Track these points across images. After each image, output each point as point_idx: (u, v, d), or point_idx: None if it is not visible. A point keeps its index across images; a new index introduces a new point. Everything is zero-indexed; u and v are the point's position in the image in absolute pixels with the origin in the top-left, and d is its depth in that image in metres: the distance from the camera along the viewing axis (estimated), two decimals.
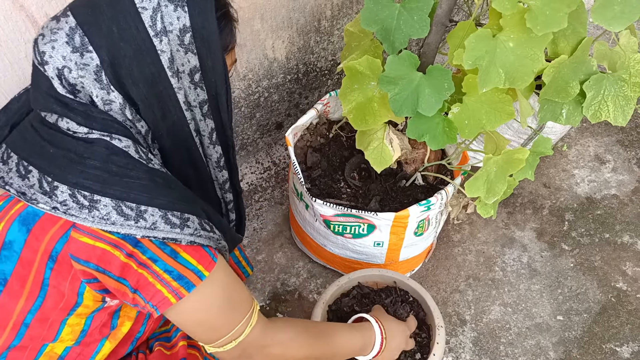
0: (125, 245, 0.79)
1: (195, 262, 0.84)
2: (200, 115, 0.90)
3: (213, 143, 0.95)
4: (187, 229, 0.83)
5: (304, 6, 1.65)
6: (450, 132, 1.26)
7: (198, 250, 0.85)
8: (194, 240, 0.84)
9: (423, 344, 1.37)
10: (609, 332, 1.61)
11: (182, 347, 1.09)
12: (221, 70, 0.87)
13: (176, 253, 0.83)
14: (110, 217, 0.78)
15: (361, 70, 1.25)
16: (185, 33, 0.81)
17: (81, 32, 0.77)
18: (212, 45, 0.84)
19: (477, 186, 1.28)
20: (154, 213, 0.80)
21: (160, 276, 0.82)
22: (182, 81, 0.84)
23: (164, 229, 0.80)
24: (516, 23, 1.03)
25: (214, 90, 0.89)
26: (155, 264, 0.81)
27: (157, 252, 0.81)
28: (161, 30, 0.79)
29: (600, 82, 1.29)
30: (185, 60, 0.83)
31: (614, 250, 1.81)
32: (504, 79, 1.09)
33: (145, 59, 0.79)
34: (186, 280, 0.83)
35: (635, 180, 2.02)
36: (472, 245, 1.82)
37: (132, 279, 0.81)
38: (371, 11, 1.19)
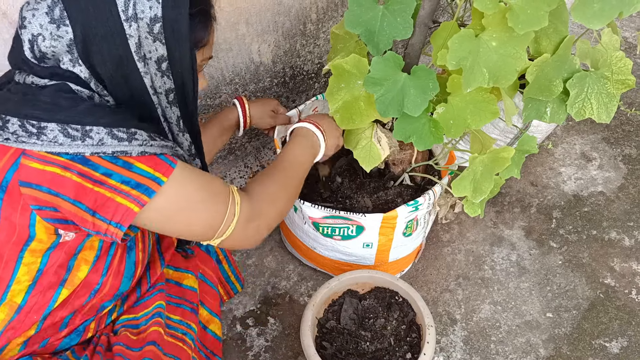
0: (74, 165, 0.81)
1: (151, 169, 0.85)
2: (166, 103, 0.93)
3: (181, 130, 0.98)
4: (135, 141, 0.85)
5: (289, 10, 1.65)
6: (437, 132, 1.26)
7: (152, 158, 0.86)
8: (144, 150, 0.85)
9: (414, 344, 1.37)
10: (598, 328, 1.62)
11: (154, 332, 1.08)
12: (188, 62, 0.90)
13: (129, 164, 0.84)
14: (57, 139, 0.80)
15: (348, 69, 1.25)
16: (155, 22, 0.84)
17: (62, 6, 0.82)
18: (181, 37, 0.87)
19: (463, 185, 1.29)
20: (99, 131, 0.82)
21: (118, 188, 0.83)
22: (148, 67, 0.87)
23: (111, 144, 0.82)
24: (498, 22, 1.04)
25: (181, 80, 0.91)
26: (110, 177, 0.83)
27: (109, 167, 0.83)
28: (132, 16, 0.83)
29: (583, 79, 1.30)
30: (153, 48, 0.86)
31: (601, 246, 1.82)
32: (488, 78, 1.10)
33: (114, 40, 0.83)
34: (145, 187, 0.84)
35: (621, 177, 2.04)
36: (462, 244, 1.83)
37: (88, 200, 0.82)
38: (355, 13, 1.19)
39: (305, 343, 1.30)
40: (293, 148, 1.25)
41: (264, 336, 1.59)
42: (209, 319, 1.29)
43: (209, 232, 0.95)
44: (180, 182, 0.89)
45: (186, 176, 0.90)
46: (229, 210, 0.95)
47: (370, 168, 1.39)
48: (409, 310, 1.43)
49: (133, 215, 0.84)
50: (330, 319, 1.43)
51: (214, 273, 1.35)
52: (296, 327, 1.60)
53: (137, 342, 1.06)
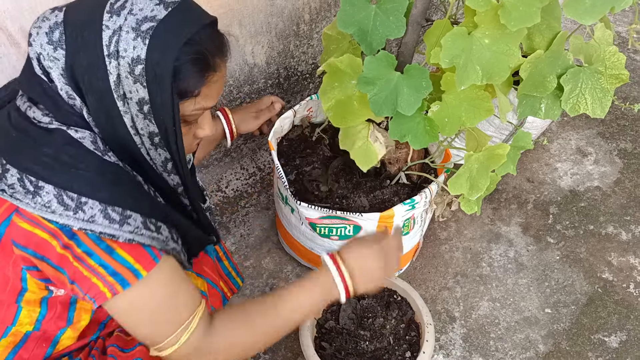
0: (61, 236, 0.81)
1: (132, 260, 0.84)
2: (149, 144, 0.88)
3: (168, 172, 0.93)
4: (126, 227, 0.83)
5: (282, 11, 1.65)
6: (432, 131, 1.26)
7: (136, 248, 0.85)
8: (132, 238, 0.84)
9: (413, 342, 1.38)
10: (596, 323, 1.62)
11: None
12: (169, 110, 0.84)
13: (112, 249, 0.83)
14: (51, 205, 0.79)
15: (342, 69, 1.25)
16: (137, 64, 0.80)
17: (62, 29, 0.81)
18: (163, 83, 0.82)
19: (460, 183, 1.29)
20: (93, 206, 0.81)
21: (95, 270, 0.82)
22: (129, 106, 0.83)
23: (102, 224, 0.81)
24: (490, 20, 1.04)
25: (164, 126, 0.86)
26: (90, 257, 0.82)
27: (92, 246, 0.82)
28: (113, 52, 0.80)
29: (577, 75, 1.30)
30: (134, 89, 0.82)
31: (598, 241, 1.83)
32: (481, 75, 1.10)
33: (96, 73, 0.81)
34: (121, 277, 0.83)
35: (617, 172, 2.05)
36: (459, 242, 1.83)
37: (69, 270, 0.83)
38: (347, 13, 1.19)
39: (304, 344, 1.30)
40: (298, 297, 1.05)
41: None
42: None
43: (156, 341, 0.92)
44: (157, 281, 0.88)
45: (163, 277, 0.89)
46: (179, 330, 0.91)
47: (367, 168, 1.39)
48: (407, 309, 1.43)
49: (105, 299, 0.84)
50: (329, 319, 1.43)
51: (213, 272, 1.35)
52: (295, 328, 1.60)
53: (129, 343, 1.07)
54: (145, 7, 0.81)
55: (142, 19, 0.80)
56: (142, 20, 0.80)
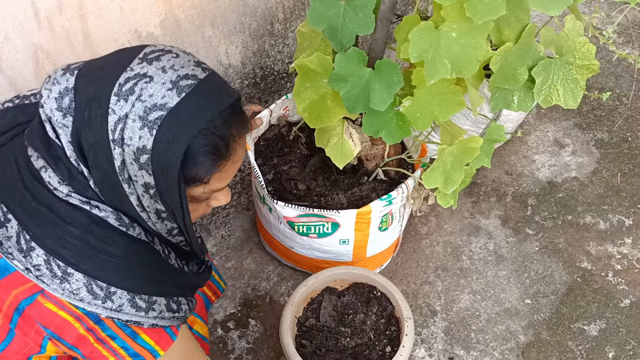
0: (87, 321, 0.82)
1: (153, 342, 0.88)
2: (156, 219, 0.85)
3: (173, 236, 0.91)
4: (151, 312, 0.85)
5: (255, 10, 1.65)
6: (405, 126, 1.27)
7: (159, 331, 0.88)
8: (156, 323, 0.87)
9: (393, 337, 1.38)
10: (576, 312, 1.64)
11: None
12: (177, 196, 0.81)
13: (136, 334, 0.86)
14: (79, 292, 0.79)
15: (313, 68, 1.26)
16: (142, 153, 0.76)
17: (72, 96, 0.78)
18: (170, 173, 0.78)
19: (434, 177, 1.29)
20: (122, 296, 0.82)
21: (117, 351, 0.85)
22: (134, 188, 0.80)
23: (129, 312, 0.83)
24: (457, 13, 1.05)
25: (171, 210, 0.84)
26: (113, 341, 0.84)
27: (117, 332, 0.84)
28: (118, 139, 0.75)
29: (548, 67, 1.31)
30: (140, 175, 0.78)
31: (577, 231, 1.84)
32: (450, 69, 1.10)
33: (101, 153, 0.77)
34: (141, 358, 0.87)
35: (594, 162, 2.07)
36: (439, 236, 1.84)
37: (85, 350, 0.84)
38: (317, 10, 1.19)
39: (285, 342, 1.30)
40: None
41: (246, 338, 1.59)
42: (193, 320, 1.29)
43: None
44: (172, 353, 0.91)
45: (178, 351, 0.93)
46: None
47: (343, 165, 1.40)
48: (387, 304, 1.43)
49: None
50: (310, 317, 1.43)
51: None
52: (277, 328, 1.59)
53: None
54: (156, 93, 0.75)
55: (151, 107, 0.75)
56: (150, 109, 0.75)
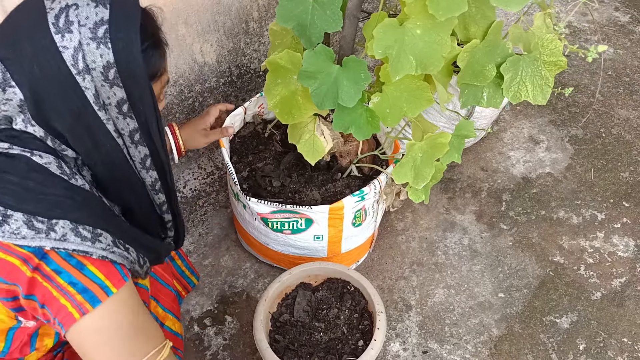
0: (32, 259, 0.80)
1: (102, 276, 0.84)
2: (130, 143, 0.90)
3: (147, 168, 0.95)
4: (99, 244, 0.84)
5: (229, 9, 1.66)
6: (374, 122, 1.29)
7: (107, 265, 0.85)
8: (106, 255, 0.84)
9: (366, 331, 1.39)
10: (548, 305, 1.66)
11: None
12: (149, 99, 0.87)
13: (83, 265, 0.83)
14: (20, 231, 0.79)
15: (283, 65, 1.27)
16: (109, 69, 0.81)
17: (3, 67, 0.79)
18: (138, 77, 0.84)
19: (404, 172, 1.31)
20: (64, 225, 0.81)
21: (65, 289, 0.81)
22: (109, 113, 0.85)
23: (74, 241, 0.81)
24: (420, 10, 1.07)
25: (144, 118, 0.88)
26: (59, 276, 0.81)
27: (61, 264, 0.81)
28: (84, 68, 0.79)
29: (517, 63, 1.33)
30: (112, 93, 0.83)
31: (550, 226, 1.87)
32: (415, 65, 1.12)
33: (69, 95, 0.80)
34: (91, 294, 0.83)
35: (568, 158, 2.09)
36: (415, 232, 1.86)
37: (38, 293, 0.81)
38: (286, 8, 1.21)
39: (258, 338, 1.32)
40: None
41: (222, 335, 1.60)
42: (164, 316, 1.29)
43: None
44: (122, 304, 0.87)
45: (131, 301, 0.89)
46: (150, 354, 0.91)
47: (314, 161, 1.41)
48: (360, 299, 1.45)
49: (73, 321, 0.83)
50: (284, 313, 1.44)
51: (166, 272, 1.36)
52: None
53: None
54: (89, 14, 0.80)
55: (94, 26, 0.79)
56: (95, 28, 0.79)
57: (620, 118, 2.24)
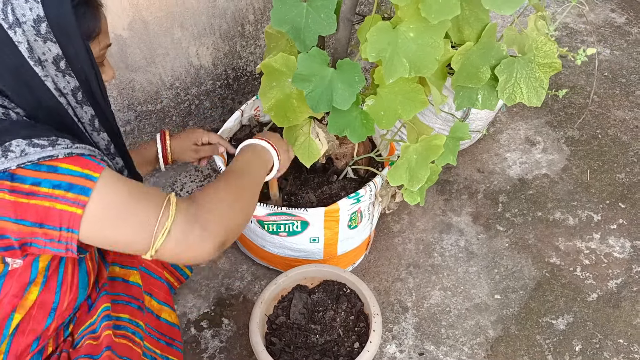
0: (3, 184, 0.79)
1: (79, 168, 0.83)
2: (75, 103, 0.91)
3: (97, 130, 0.96)
4: (59, 146, 0.82)
5: (225, 12, 1.66)
6: (369, 124, 1.29)
7: (78, 159, 0.84)
8: (71, 151, 0.83)
9: (362, 333, 1.40)
10: (544, 307, 1.66)
11: (107, 337, 1.07)
12: (85, 56, 0.88)
13: (55, 167, 0.81)
14: None
15: (277, 68, 1.27)
16: (39, 23, 0.82)
17: None
18: (70, 33, 0.85)
19: (399, 174, 1.31)
20: (19, 143, 0.80)
21: (52, 195, 0.80)
22: (47, 69, 0.85)
23: (35, 152, 0.80)
24: (413, 13, 1.07)
25: (84, 76, 0.90)
26: (40, 186, 0.80)
27: (36, 175, 0.80)
28: (14, 22, 0.80)
29: (511, 65, 1.34)
30: (46, 49, 0.84)
31: (546, 227, 1.87)
32: (409, 68, 1.12)
33: (3, 50, 0.81)
34: (78, 186, 0.82)
35: (564, 159, 2.10)
36: (412, 234, 1.86)
37: (30, 215, 0.80)
38: (280, 11, 1.21)
39: (254, 340, 1.32)
40: (243, 159, 1.19)
41: (219, 337, 1.60)
42: (159, 308, 1.30)
43: (142, 237, 0.88)
44: (112, 182, 0.86)
45: (115, 177, 0.87)
46: (162, 210, 0.88)
47: (310, 163, 1.41)
48: (356, 301, 1.45)
49: (78, 218, 0.82)
50: (280, 315, 1.45)
51: (156, 264, 1.36)
52: None
53: (96, 349, 1.06)
54: None
55: None
56: None
57: (616, 119, 2.24)
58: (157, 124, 1.74)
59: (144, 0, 1.43)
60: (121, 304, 1.18)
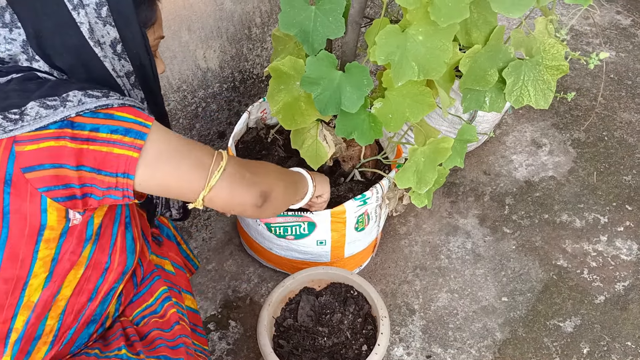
0: (65, 132, 0.82)
1: (132, 116, 0.88)
2: (129, 86, 0.98)
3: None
4: (112, 97, 0.87)
5: (232, 15, 1.66)
6: (376, 127, 1.29)
7: (130, 108, 0.89)
8: (124, 102, 0.88)
9: (369, 336, 1.40)
10: (552, 309, 1.66)
11: (173, 314, 1.14)
12: (141, 41, 0.94)
13: (111, 115, 0.86)
14: (40, 114, 0.82)
15: (285, 71, 1.27)
16: (101, 6, 0.87)
17: (11, 10, 0.86)
18: (129, 17, 0.90)
19: (407, 177, 1.32)
20: (75, 94, 0.85)
21: (110, 139, 0.85)
22: (105, 51, 0.91)
23: (91, 101, 0.85)
24: (422, 16, 1.07)
25: (138, 61, 0.96)
26: (98, 131, 0.84)
27: (94, 121, 0.84)
28: (78, 3, 0.86)
29: (518, 68, 1.34)
30: (105, 32, 0.90)
31: (553, 229, 1.87)
32: (418, 71, 1.12)
33: (66, 31, 0.87)
34: (134, 131, 0.87)
35: (570, 161, 2.10)
36: (418, 236, 1.86)
37: (89, 161, 0.84)
38: (288, 15, 1.21)
39: (262, 343, 1.32)
40: (290, 170, 1.30)
41: (226, 339, 1.60)
42: (184, 296, 1.31)
43: (198, 175, 0.94)
44: (164, 130, 0.92)
45: (165, 128, 0.93)
46: (216, 154, 0.97)
47: (317, 166, 1.41)
48: (364, 303, 1.45)
49: (135, 162, 0.86)
50: (288, 317, 1.45)
51: (177, 256, 1.38)
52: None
53: (165, 324, 1.13)
54: None
55: None
56: None
57: (622, 121, 2.24)
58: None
59: None
60: (170, 290, 1.22)
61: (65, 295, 0.98)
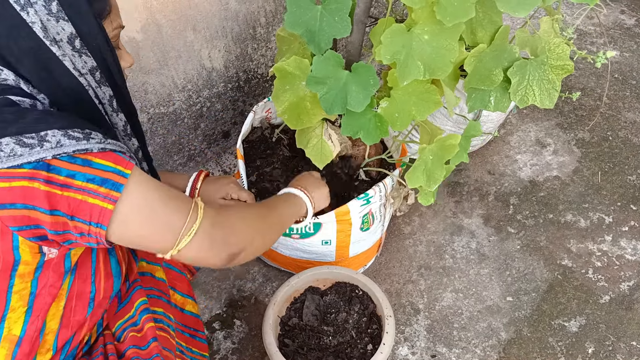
0: (39, 174, 0.79)
1: (111, 163, 0.84)
2: (95, 83, 0.92)
3: (115, 111, 0.97)
4: (92, 140, 0.84)
5: (237, 15, 1.67)
6: (382, 126, 1.29)
7: (110, 154, 0.85)
8: (104, 147, 0.84)
9: (374, 335, 1.40)
10: (557, 309, 1.66)
11: (150, 329, 1.10)
12: (99, 34, 0.89)
13: (89, 161, 0.82)
14: (15, 151, 0.78)
15: (290, 71, 1.28)
16: (50, 2, 0.82)
17: None
18: (81, 9, 0.85)
19: (416, 176, 1.32)
20: (54, 134, 0.81)
21: (86, 188, 0.81)
22: (63, 49, 0.86)
23: (70, 144, 0.81)
24: (427, 16, 1.08)
25: (100, 55, 0.90)
26: (74, 178, 0.81)
27: (71, 167, 0.81)
28: (26, 2, 0.81)
29: (523, 67, 1.34)
30: (60, 28, 0.85)
31: (558, 229, 1.87)
32: (423, 70, 1.13)
33: (19, 33, 0.82)
34: (111, 181, 0.83)
35: (575, 161, 2.10)
36: (423, 236, 1.86)
37: (63, 206, 0.81)
38: (294, 14, 1.22)
39: (267, 342, 1.32)
40: (278, 200, 1.27)
41: (231, 339, 1.61)
42: (183, 301, 1.31)
43: (168, 236, 0.90)
44: (143, 180, 0.88)
45: (145, 176, 0.89)
46: (191, 213, 0.91)
47: (322, 165, 1.42)
48: (369, 303, 1.45)
49: (109, 213, 0.83)
50: (293, 317, 1.45)
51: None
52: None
53: (142, 340, 1.09)
54: None
55: None
56: None
57: (627, 121, 2.24)
58: (169, 126, 1.75)
59: (157, 3, 1.44)
60: (154, 298, 1.20)
61: (52, 328, 0.96)
